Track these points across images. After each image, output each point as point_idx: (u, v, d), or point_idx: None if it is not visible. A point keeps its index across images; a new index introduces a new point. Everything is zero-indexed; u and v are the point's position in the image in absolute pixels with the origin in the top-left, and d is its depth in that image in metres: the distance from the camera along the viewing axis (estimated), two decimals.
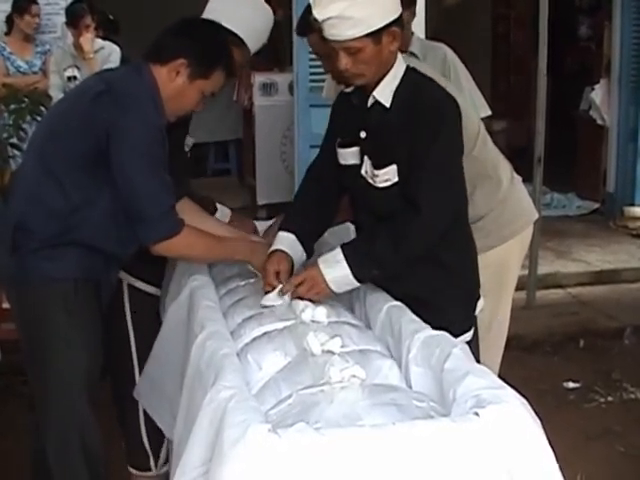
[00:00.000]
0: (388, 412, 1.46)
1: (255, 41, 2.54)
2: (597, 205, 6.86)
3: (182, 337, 2.15)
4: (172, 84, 2.29)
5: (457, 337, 1.97)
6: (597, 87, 6.69)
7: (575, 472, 2.96)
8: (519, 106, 8.22)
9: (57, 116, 2.41)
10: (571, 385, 4.01)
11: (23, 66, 5.71)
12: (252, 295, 2.22)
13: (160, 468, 2.71)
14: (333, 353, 1.73)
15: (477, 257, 2.36)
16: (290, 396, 1.57)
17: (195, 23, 2.41)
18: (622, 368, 4.18)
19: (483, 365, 1.68)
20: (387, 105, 2.14)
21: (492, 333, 2.82)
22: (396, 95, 2.14)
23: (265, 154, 6.59)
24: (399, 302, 2.05)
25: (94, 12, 5.43)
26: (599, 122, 6.72)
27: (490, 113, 3.51)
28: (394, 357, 1.85)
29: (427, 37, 4.19)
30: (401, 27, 2.10)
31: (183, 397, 1.86)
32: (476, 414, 1.39)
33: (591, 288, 5.36)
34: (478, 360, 2.00)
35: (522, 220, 2.92)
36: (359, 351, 1.82)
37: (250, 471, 1.30)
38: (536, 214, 3.02)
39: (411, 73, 2.18)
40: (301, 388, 1.59)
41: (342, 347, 1.77)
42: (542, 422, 1.48)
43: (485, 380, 1.52)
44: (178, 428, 1.85)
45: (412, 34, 3.51)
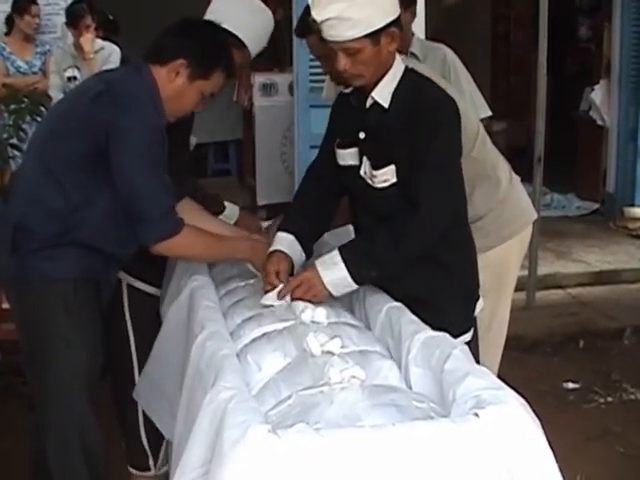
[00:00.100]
0: (388, 413, 1.46)
1: (255, 44, 2.55)
2: (597, 205, 6.86)
3: (182, 337, 2.14)
4: (172, 84, 2.29)
5: (457, 337, 1.97)
6: (597, 87, 6.69)
7: (575, 472, 2.96)
8: (519, 106, 8.22)
9: (57, 116, 2.42)
10: (571, 386, 4.00)
11: (23, 66, 5.71)
12: (252, 296, 2.22)
13: (159, 468, 2.72)
14: (333, 354, 1.73)
15: (477, 257, 2.36)
16: (290, 397, 1.57)
17: (195, 23, 2.41)
18: (622, 369, 4.17)
19: (482, 365, 1.69)
20: (386, 106, 2.14)
21: (492, 333, 2.82)
22: (395, 96, 2.14)
23: (265, 154, 6.58)
24: (399, 303, 2.04)
25: (94, 12, 5.43)
26: (599, 122, 6.72)
27: (490, 114, 3.50)
28: (394, 358, 1.85)
29: (427, 37, 4.18)
30: (400, 28, 2.10)
31: (183, 397, 1.86)
32: (476, 415, 1.39)
33: (591, 289, 5.36)
34: (477, 360, 2.00)
35: (521, 220, 2.92)
36: (359, 352, 1.82)
37: (250, 472, 1.30)
38: (535, 214, 3.02)
39: (410, 74, 2.18)
40: (301, 389, 1.59)
41: (342, 348, 1.77)
42: (542, 423, 1.48)
43: (485, 381, 1.52)
44: (178, 428, 1.85)
45: (412, 35, 3.50)
